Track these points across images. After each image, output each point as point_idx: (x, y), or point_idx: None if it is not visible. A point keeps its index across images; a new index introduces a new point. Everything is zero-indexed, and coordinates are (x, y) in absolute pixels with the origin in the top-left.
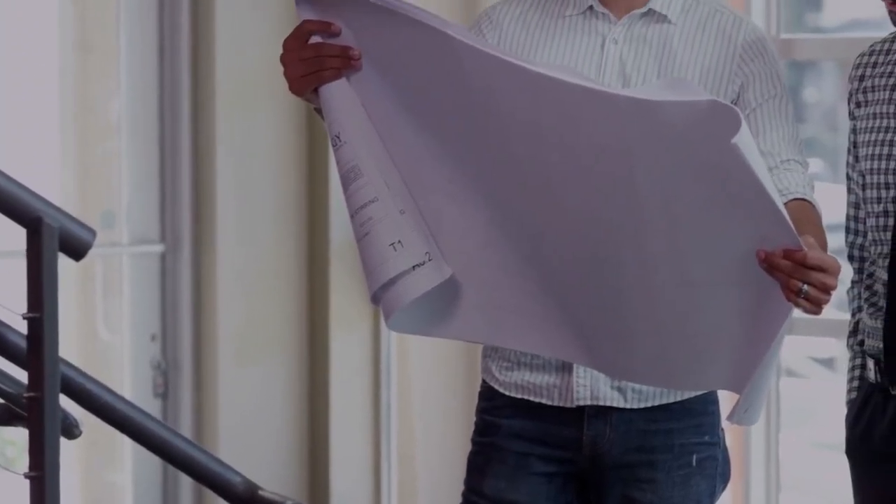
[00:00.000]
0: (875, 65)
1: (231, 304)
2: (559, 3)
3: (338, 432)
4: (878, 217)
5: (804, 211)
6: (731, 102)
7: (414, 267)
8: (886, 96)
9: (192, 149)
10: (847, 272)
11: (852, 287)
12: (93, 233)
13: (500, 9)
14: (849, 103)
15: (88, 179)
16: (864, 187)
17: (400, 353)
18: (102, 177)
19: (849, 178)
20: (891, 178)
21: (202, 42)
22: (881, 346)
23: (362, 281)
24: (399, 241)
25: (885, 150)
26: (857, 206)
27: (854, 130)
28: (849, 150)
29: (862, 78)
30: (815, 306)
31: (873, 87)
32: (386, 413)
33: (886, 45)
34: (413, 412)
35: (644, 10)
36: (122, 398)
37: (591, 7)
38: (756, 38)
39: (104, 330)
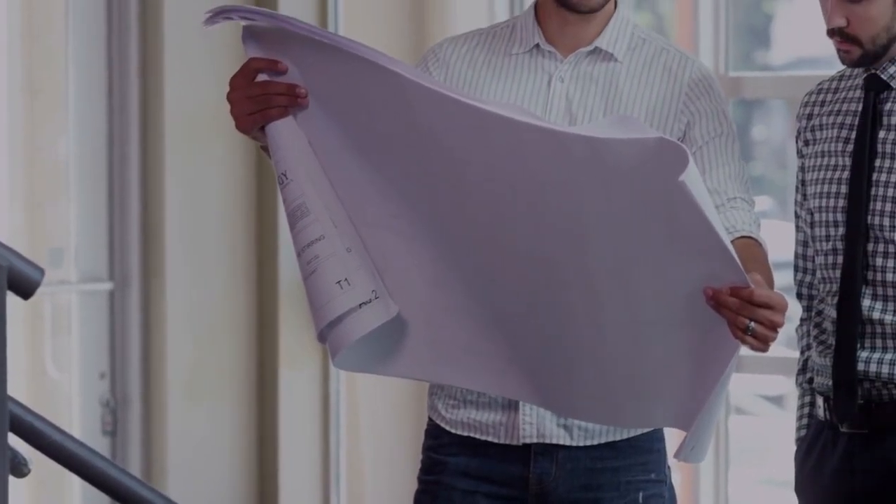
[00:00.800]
0: (823, 103)
1: (180, 341)
2: (506, 41)
3: (287, 470)
4: (826, 255)
5: (750, 249)
6: (678, 140)
7: (360, 305)
8: (834, 134)
9: (141, 187)
10: (795, 310)
11: (801, 325)
12: (41, 271)
13: (447, 46)
14: (797, 141)
15: (36, 217)
16: (812, 225)
17: (349, 391)
18: (51, 214)
19: (797, 216)
20: (839, 216)
21: (150, 81)
22: (830, 383)
23: (311, 318)
24: (346, 279)
25: (834, 188)
26: (805, 245)
27: (802, 169)
28: (797, 189)
29: (810, 116)
30: (762, 343)
31: (821, 125)
32: (335, 451)
33: (834, 84)
34: (362, 450)
35: (590, 48)
36: (70, 436)
37: (537, 45)
38: (702, 76)
39: (53, 368)
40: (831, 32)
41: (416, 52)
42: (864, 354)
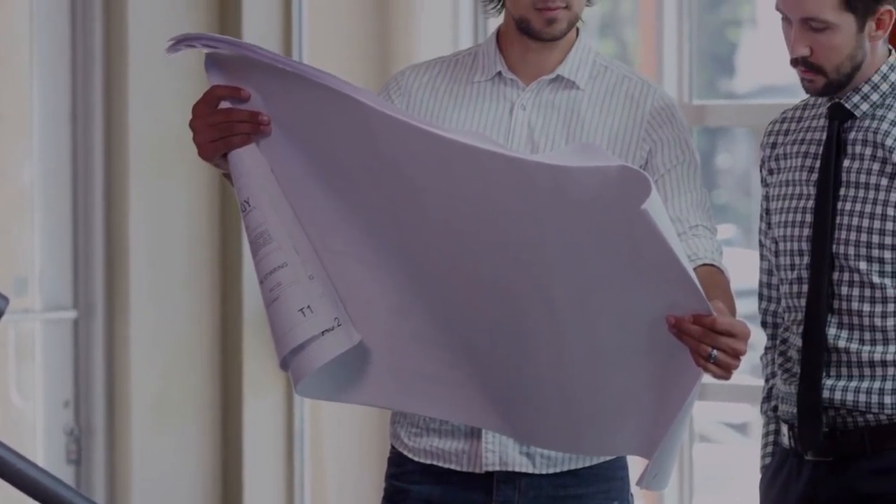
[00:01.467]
0: (787, 132)
1: (144, 369)
2: (468, 69)
3: (251, 498)
4: (791, 283)
5: (713, 277)
6: (640, 168)
7: (323, 332)
8: (799, 163)
9: (105, 215)
10: (758, 338)
11: (765, 353)
12: (6, 300)
13: (409, 75)
14: (761, 170)
15: (1, 245)
16: (777, 254)
17: (313, 419)
18: (15, 242)
19: (761, 244)
20: (804, 245)
21: (115, 108)
22: (795, 411)
23: (273, 346)
24: (308, 307)
25: (799, 216)
26: (769, 273)
27: (766, 198)
28: (761, 217)
29: (774, 145)
30: (725, 371)
31: (785, 154)
32: (299, 478)
33: (798, 113)
34: (326, 477)
35: (552, 76)
36: (34, 465)
37: (499, 73)
38: (664, 104)
39: (17, 396)
40: (795, 62)
41: (380, 78)
42: (829, 382)
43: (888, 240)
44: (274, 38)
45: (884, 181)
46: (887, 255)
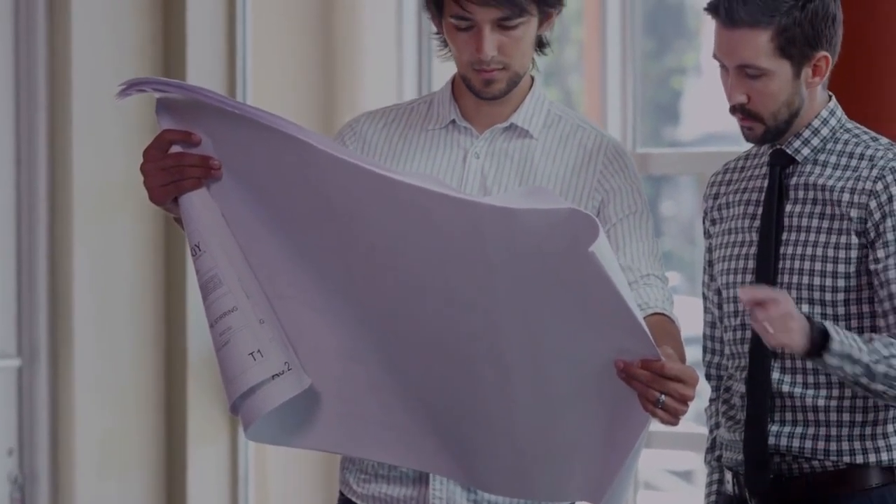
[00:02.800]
0: (729, 182)
1: (89, 417)
2: (423, 116)
3: None
4: (735, 330)
5: (663, 325)
6: None
7: (273, 376)
8: (741, 211)
9: (49, 262)
10: (705, 386)
11: (710, 405)
12: None
13: (364, 121)
14: (704, 222)
15: None
16: (720, 304)
17: (257, 466)
18: None
19: (705, 297)
20: None
21: (59, 153)
22: (740, 457)
23: (220, 393)
24: (258, 351)
25: (742, 263)
26: (713, 326)
27: (709, 249)
28: (704, 269)
29: (716, 196)
30: (673, 417)
31: (727, 203)
32: None
33: (741, 163)
34: None
35: (506, 124)
36: None
37: (453, 121)
38: (617, 154)
39: None
40: (733, 109)
41: (324, 126)
42: (774, 428)
43: (830, 282)
44: (218, 84)
45: (825, 224)
46: (829, 296)
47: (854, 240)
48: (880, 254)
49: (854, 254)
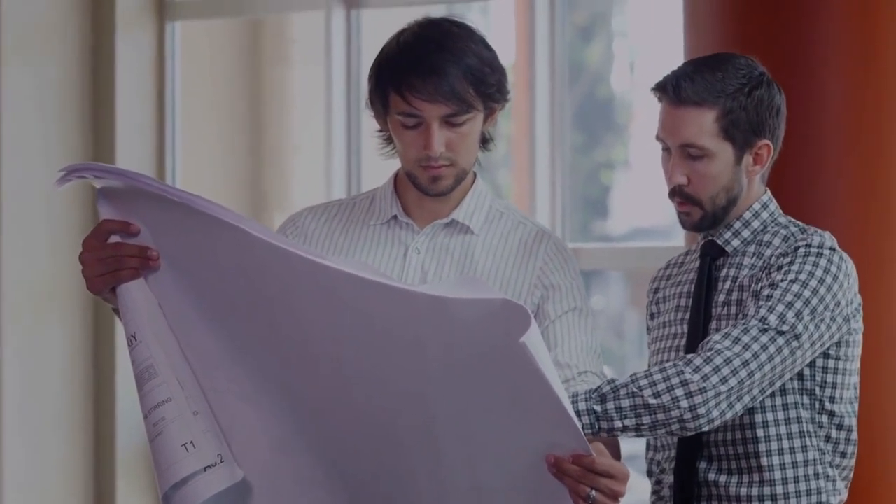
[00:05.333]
0: (668, 277)
1: None
2: (365, 211)
3: None
4: None
5: None
6: (532, 314)
7: (206, 468)
8: (674, 304)
9: None
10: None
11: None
12: None
13: (306, 215)
14: (647, 319)
15: None
16: None
17: None
18: None
19: None
20: None
21: None
22: None
23: (151, 484)
24: (191, 442)
25: (672, 355)
26: None
27: (649, 344)
28: (650, 363)
29: (656, 291)
30: None
31: (664, 297)
32: None
33: (681, 258)
34: None
35: (447, 220)
36: None
37: (395, 216)
38: (558, 250)
39: None
40: (672, 192)
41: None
42: None
43: None
44: (146, 173)
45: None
46: None
47: None
48: (765, 281)
49: None
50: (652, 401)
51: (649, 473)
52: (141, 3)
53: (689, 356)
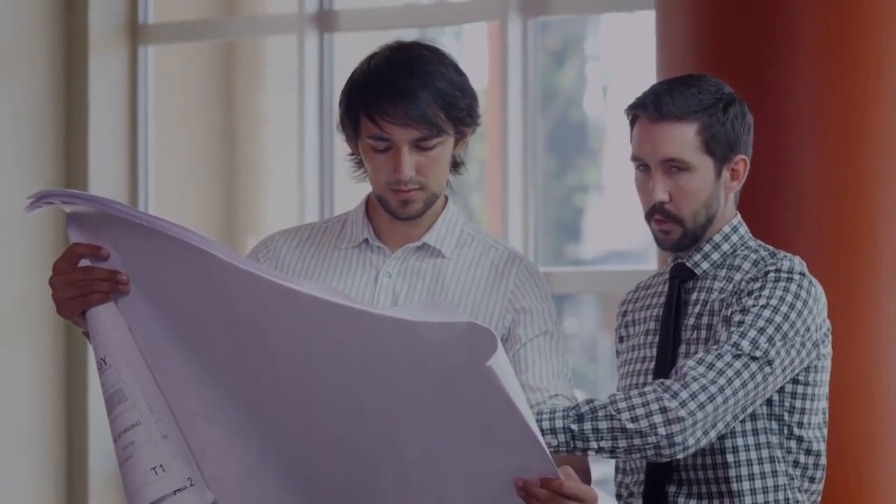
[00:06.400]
0: (637, 300)
1: None
2: (336, 235)
3: None
4: None
5: None
6: (502, 337)
7: (175, 492)
8: (643, 328)
9: None
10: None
11: None
12: None
13: (278, 239)
14: (616, 343)
15: None
16: None
17: None
18: None
19: None
20: None
21: None
22: None
23: None
24: (161, 466)
25: (640, 378)
26: None
27: (618, 368)
28: (619, 387)
29: (625, 314)
30: None
31: (633, 321)
32: None
33: (650, 281)
34: None
35: (418, 243)
36: None
37: (366, 240)
38: (529, 274)
39: None
40: (651, 211)
41: (226, 244)
42: None
43: None
44: (119, 197)
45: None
46: None
47: None
48: (736, 306)
49: None
50: (630, 425)
51: (618, 496)
52: (114, 27)
53: (666, 382)
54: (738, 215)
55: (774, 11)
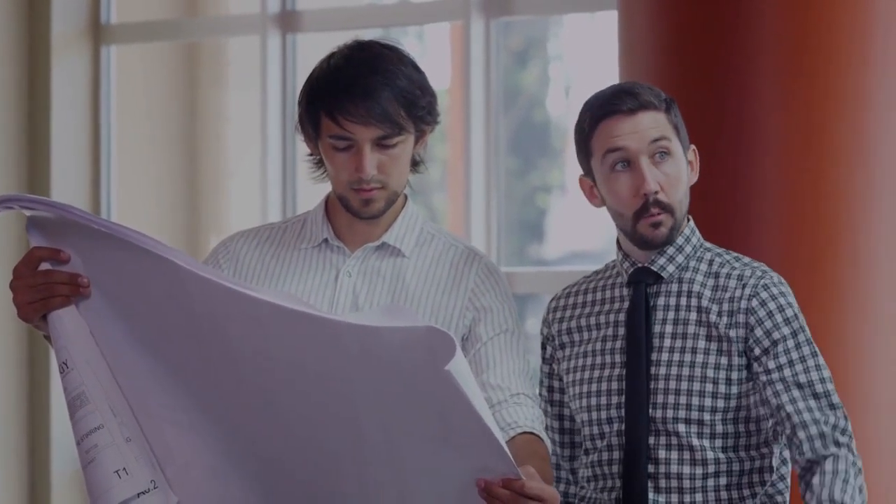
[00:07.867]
0: (575, 306)
1: None
2: (296, 235)
3: None
4: (601, 452)
5: (532, 444)
6: (463, 336)
7: (139, 495)
8: (601, 333)
9: None
10: None
11: None
12: None
13: (238, 240)
14: (544, 348)
15: None
16: (571, 430)
17: None
18: None
19: (547, 427)
20: (614, 413)
21: None
22: None
23: None
24: (124, 469)
25: (605, 385)
26: (553, 454)
27: (550, 375)
28: (544, 398)
29: (562, 320)
30: None
31: (579, 327)
32: None
33: (584, 286)
34: None
35: (378, 243)
36: None
37: (326, 240)
38: (489, 272)
39: None
40: (643, 208)
41: (189, 244)
42: None
43: (710, 402)
44: (82, 200)
45: (701, 344)
46: (707, 416)
47: (736, 360)
48: (771, 364)
49: (735, 375)
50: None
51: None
52: (76, 28)
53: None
54: (691, 219)
55: (736, 12)
